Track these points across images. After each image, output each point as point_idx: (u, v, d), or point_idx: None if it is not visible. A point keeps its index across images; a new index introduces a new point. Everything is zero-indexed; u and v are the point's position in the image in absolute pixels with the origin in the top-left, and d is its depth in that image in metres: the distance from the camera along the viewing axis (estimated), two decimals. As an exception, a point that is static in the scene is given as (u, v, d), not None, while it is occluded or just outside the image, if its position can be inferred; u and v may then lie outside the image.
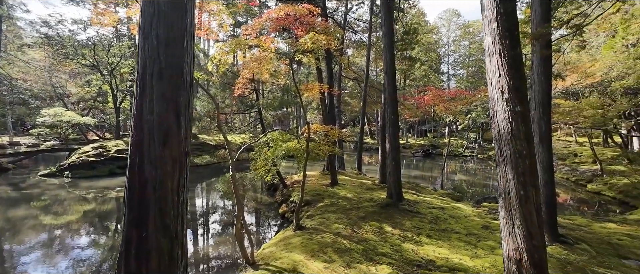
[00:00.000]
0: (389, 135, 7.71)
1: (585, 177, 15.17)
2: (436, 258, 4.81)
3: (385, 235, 5.77)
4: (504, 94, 2.98)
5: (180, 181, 2.17)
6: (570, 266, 4.42)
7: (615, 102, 12.02)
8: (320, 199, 8.45)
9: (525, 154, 2.88)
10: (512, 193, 2.95)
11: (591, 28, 15.63)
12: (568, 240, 5.21)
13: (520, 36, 3.18)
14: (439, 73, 38.67)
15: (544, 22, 5.26)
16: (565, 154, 19.55)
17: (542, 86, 5.45)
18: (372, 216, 6.93)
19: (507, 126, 2.96)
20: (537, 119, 5.49)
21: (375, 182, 10.56)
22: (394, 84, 7.63)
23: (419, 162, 26.08)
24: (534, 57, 5.64)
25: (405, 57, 15.49)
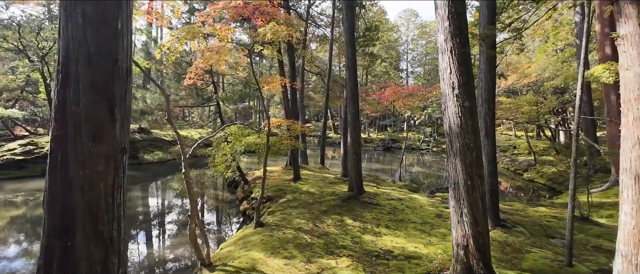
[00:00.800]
0: (350, 129, 7.82)
1: (522, 167, 16.99)
2: (393, 247, 5.00)
3: (346, 228, 5.87)
4: (455, 90, 3.14)
5: (116, 182, 1.93)
6: (509, 248, 4.88)
7: (546, 100, 13.58)
8: (283, 194, 8.33)
9: (472, 146, 3.07)
10: (461, 184, 3.13)
11: (528, 33, 17.38)
12: (507, 224, 5.76)
13: (469, 37, 3.37)
14: (398, 70, 40.34)
15: (490, 24, 5.67)
16: (506, 147, 21.71)
17: (488, 84, 5.89)
18: (334, 209, 7.00)
19: (457, 120, 3.12)
20: (483, 115, 5.94)
21: (338, 176, 10.71)
22: (355, 79, 7.72)
23: (380, 155, 27.09)
24: (481, 57, 6.07)
25: (367, 54, 15.86)
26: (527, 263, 4.27)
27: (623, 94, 2.29)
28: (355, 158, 7.72)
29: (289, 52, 10.33)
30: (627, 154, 2.24)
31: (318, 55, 32.67)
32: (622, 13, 2.36)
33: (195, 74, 5.16)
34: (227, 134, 5.81)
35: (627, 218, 2.23)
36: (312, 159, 17.33)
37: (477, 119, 3.15)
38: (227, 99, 10.29)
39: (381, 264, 4.43)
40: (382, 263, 4.46)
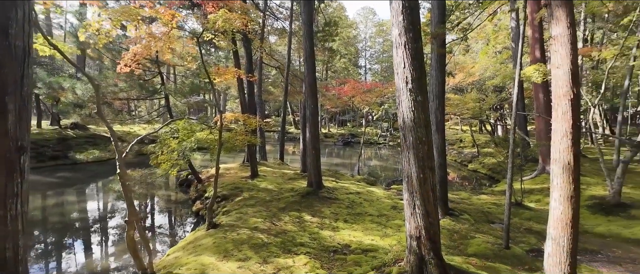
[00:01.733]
0: (309, 124, 7.71)
1: (467, 158, 18.53)
2: (351, 241, 5.03)
3: (304, 224, 5.77)
4: (408, 84, 3.17)
5: (10, 189, 1.54)
6: (456, 235, 5.20)
7: (487, 97, 14.91)
8: (239, 192, 7.96)
9: (424, 140, 3.14)
10: (414, 176, 3.19)
11: (473, 36, 18.90)
12: (455, 212, 6.16)
13: (421, 34, 3.43)
14: (357, 66, 41.27)
15: (441, 23, 5.93)
16: (454, 140, 23.51)
17: (439, 81, 6.19)
18: (293, 206, 6.86)
19: (410, 115, 3.16)
20: (434, 110, 6.24)
21: (297, 172, 10.57)
22: (313, 73, 7.61)
23: (340, 150, 27.57)
24: (433, 55, 6.35)
25: (327, 48, 15.85)
26: (472, 248, 4.58)
27: (554, 90, 2.48)
28: (314, 153, 7.64)
29: (245, 43, 9.83)
30: (557, 145, 2.44)
31: (278, 49, 31.98)
32: (554, 16, 2.54)
33: (132, 60, 4.55)
34: (174, 130, 5.30)
35: (556, 203, 2.44)
36: (271, 155, 16.95)
37: (428, 114, 3.23)
38: (177, 92, 9.47)
39: (339, 260, 4.41)
40: (340, 258, 4.45)
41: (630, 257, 4.07)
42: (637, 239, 4.62)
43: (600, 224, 5.45)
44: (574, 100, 2.40)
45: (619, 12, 8.43)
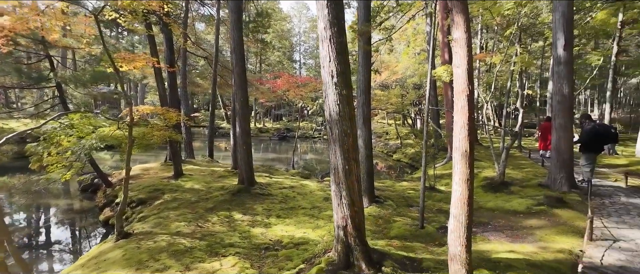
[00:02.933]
0: (238, 118, 7.32)
1: (392, 149, 20.35)
2: (283, 236, 4.98)
3: (234, 224, 5.48)
4: (334, 78, 3.22)
5: None
6: (381, 220, 5.63)
7: (408, 93, 16.58)
8: (160, 195, 7.13)
9: (349, 132, 3.25)
10: (340, 168, 3.28)
11: (396, 37, 20.69)
12: (380, 199, 6.66)
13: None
14: (292, 61, 41.20)
15: (366, 22, 6.25)
16: (381, 133, 25.55)
17: (365, 76, 6.54)
18: (222, 205, 6.46)
19: (336, 108, 3.23)
20: (361, 104, 6.59)
21: (228, 169, 10.02)
22: (243, 64, 7.22)
23: (276, 145, 27.22)
24: (359, 52, 6.67)
25: (259, 40, 15.30)
26: (393, 231, 5.01)
27: (455, 87, 2.82)
28: (245, 149, 7.31)
29: (164, 29, 8.74)
30: (457, 135, 2.78)
31: (206, 38, 29.64)
32: (454, 21, 2.87)
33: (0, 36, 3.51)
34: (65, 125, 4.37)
35: (456, 186, 2.80)
36: (201, 152, 15.72)
37: (353, 107, 3.35)
38: (74, 80, 7.87)
39: (270, 256, 4.31)
40: (271, 255, 4.35)
41: (510, 225, 5.02)
42: (514, 210, 5.74)
43: (490, 200, 6.60)
44: (470, 96, 2.77)
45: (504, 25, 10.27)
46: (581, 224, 4.64)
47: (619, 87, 24.16)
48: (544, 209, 5.53)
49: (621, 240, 4.12)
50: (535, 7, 12.92)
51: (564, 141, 6.59)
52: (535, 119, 23.72)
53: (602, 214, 5.23)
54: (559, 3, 6.59)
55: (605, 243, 4.03)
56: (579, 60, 17.62)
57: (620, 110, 26.54)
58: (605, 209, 5.54)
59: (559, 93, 6.58)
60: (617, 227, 4.63)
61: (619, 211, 5.37)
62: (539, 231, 4.60)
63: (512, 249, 3.86)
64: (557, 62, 6.59)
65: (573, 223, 4.84)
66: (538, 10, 11.93)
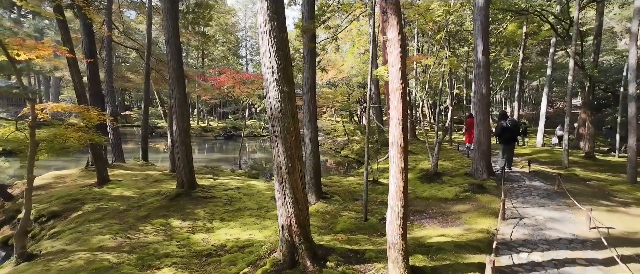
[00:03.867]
0: (176, 117, 6.73)
1: (340, 146, 20.95)
2: (228, 240, 4.73)
3: (172, 232, 5.03)
4: (274, 74, 3.13)
5: None
6: (328, 216, 5.73)
7: (354, 92, 17.22)
8: (79, 206, 6.18)
9: (292, 130, 3.20)
10: (283, 166, 3.22)
11: (342, 36, 21.30)
12: (327, 195, 6.78)
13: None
14: (238, 56, 39.52)
15: (310, 19, 6.26)
16: (329, 130, 26.14)
17: (310, 74, 6.56)
18: (158, 212, 5.88)
19: (277, 105, 3.15)
20: (307, 101, 6.60)
21: (166, 172, 9.17)
22: (179, 57, 6.64)
23: (222, 144, 25.88)
24: (304, 49, 6.66)
25: (199, 33, 14.29)
26: (339, 226, 5.14)
27: (390, 85, 2.97)
28: (183, 149, 6.75)
29: (79, 14, 7.54)
30: (392, 130, 2.95)
31: (137, 27, 26.72)
32: (389, 22, 3.02)
33: None
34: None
35: (393, 179, 2.96)
36: (134, 155, 14.12)
37: (295, 104, 3.31)
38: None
39: (212, 263, 4.05)
40: (213, 262, 4.09)
41: (441, 211, 5.55)
42: (445, 198, 6.37)
43: (425, 190, 7.22)
44: (404, 93, 2.95)
45: (436, 30, 11.31)
46: (497, 206, 5.35)
47: (524, 88, 28.65)
48: (468, 195, 6.24)
49: (525, 218, 4.87)
50: (461, 16, 14.52)
51: (483, 134, 7.52)
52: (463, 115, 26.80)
53: (512, 196, 6.12)
54: (478, 13, 7.47)
55: (514, 221, 4.72)
56: (495, 65, 20.39)
57: (526, 107, 31.54)
58: (514, 192, 6.49)
59: (479, 92, 7.49)
60: (522, 206, 5.46)
61: (524, 193, 6.36)
62: (465, 215, 5.18)
63: (443, 233, 4.26)
64: (477, 65, 7.48)
65: (491, 205, 5.56)
66: (463, 18, 13.41)
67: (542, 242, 3.90)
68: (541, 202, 5.66)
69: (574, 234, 4.19)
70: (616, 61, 19.20)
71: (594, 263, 3.37)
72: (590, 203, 5.63)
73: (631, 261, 3.42)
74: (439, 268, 3.19)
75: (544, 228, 4.41)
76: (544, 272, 3.16)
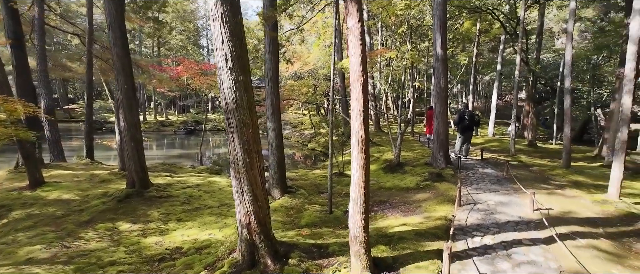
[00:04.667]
0: (123, 109, 6.10)
1: (307, 139, 20.86)
2: (184, 242, 4.41)
3: (120, 236, 4.56)
4: (228, 62, 2.89)
5: None
6: (292, 210, 5.61)
7: (320, 84, 17.13)
8: (4, 213, 5.37)
9: (248, 122, 2.99)
10: (240, 161, 3.01)
11: (308, 28, 21.02)
12: (293, 189, 6.65)
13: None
14: (199, 46, 37.36)
15: (271, 7, 5.98)
16: (296, 123, 25.89)
17: (272, 64, 6.31)
18: (103, 216, 5.31)
19: (232, 96, 2.92)
20: (269, 93, 6.36)
21: (115, 171, 8.36)
22: (124, 44, 5.99)
23: (183, 139, 24.44)
24: (266, 39, 6.37)
25: (152, 18, 13.14)
26: (304, 220, 5.04)
27: (351, 75, 2.89)
28: (133, 145, 6.16)
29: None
30: (354, 121, 2.88)
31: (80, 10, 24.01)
32: (348, 10, 2.92)
33: None
34: None
35: (354, 171, 2.91)
36: (78, 153, 12.73)
37: (252, 95, 3.09)
38: None
39: (166, 268, 3.73)
40: (167, 266, 3.77)
41: (403, 200, 5.71)
42: (407, 187, 6.58)
43: (389, 180, 7.41)
44: (364, 84, 2.88)
45: (398, 24, 11.57)
46: (454, 193, 5.62)
47: (478, 83, 30.78)
48: (428, 184, 6.50)
49: (479, 203, 5.18)
50: (422, 11, 15.03)
51: (441, 125, 7.87)
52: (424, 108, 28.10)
53: (467, 184, 6.50)
54: (436, 8, 7.71)
55: (469, 206, 4.99)
56: (452, 60, 21.54)
57: (479, 100, 33.98)
58: (469, 179, 6.90)
59: (438, 85, 7.80)
60: (476, 193, 5.81)
61: (478, 180, 6.78)
62: (425, 203, 5.37)
63: (404, 222, 4.36)
64: (436, 59, 7.76)
65: (448, 193, 5.84)
66: (423, 13, 13.89)
67: (493, 226, 4.16)
68: (492, 188, 6.06)
69: (520, 216, 4.53)
70: (554, 58, 21.31)
71: (536, 242, 3.66)
72: (533, 187, 6.16)
73: (567, 238, 3.77)
74: (400, 258, 3.24)
75: (494, 212, 4.71)
76: (494, 254, 3.35)
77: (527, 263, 3.15)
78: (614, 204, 5.05)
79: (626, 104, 5.08)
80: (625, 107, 5.08)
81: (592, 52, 17.61)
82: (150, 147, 20.20)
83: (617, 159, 5.17)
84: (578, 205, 5.11)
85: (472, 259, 3.22)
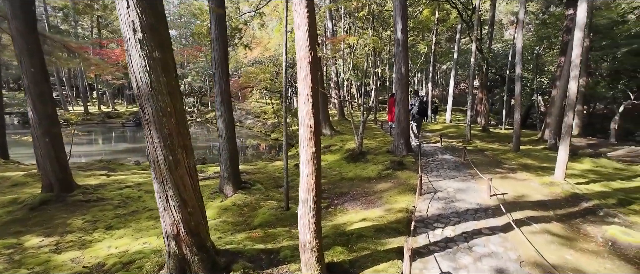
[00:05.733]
0: (31, 98, 5.01)
1: (270, 128, 20.10)
2: (109, 256, 3.68)
3: (24, 255, 3.70)
4: (137, 34, 2.23)
5: None
6: (246, 208, 5.08)
7: (281, 71, 16.34)
8: None
9: (170, 111, 2.38)
10: (161, 160, 2.42)
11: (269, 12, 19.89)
12: (248, 185, 6.09)
13: None
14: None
15: (215, -22, 5.21)
16: (259, 113, 24.86)
17: (220, 46, 5.57)
18: (7, 229, 4.34)
19: (145, 77, 2.28)
20: (217, 78, 5.64)
21: (33, 172, 7.06)
22: (28, 17, 4.84)
23: (135, 132, 22.21)
24: (211, 16, 5.59)
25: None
26: (258, 219, 4.56)
27: (297, 52, 2.41)
28: (48, 142, 5.12)
29: None
30: (301, 108, 2.42)
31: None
32: (294, -27, 2.40)
33: None
34: None
35: (303, 167, 2.48)
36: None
37: (174, 76, 2.47)
38: None
39: (79, 292, 3.04)
40: (81, 290, 3.08)
41: (365, 191, 5.47)
42: (369, 177, 6.37)
43: (351, 170, 7.16)
44: (312, 63, 2.42)
45: (359, 8, 11.24)
46: (415, 182, 5.50)
47: (437, 71, 32.05)
48: (390, 173, 6.34)
49: (439, 191, 5.09)
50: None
51: (403, 112, 7.75)
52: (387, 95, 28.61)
53: (428, 171, 6.45)
54: (397, -9, 7.43)
55: (430, 195, 4.87)
56: (413, 49, 21.96)
57: (438, 88, 35.52)
58: (429, 166, 6.89)
59: (399, 71, 7.62)
60: (436, 180, 5.75)
61: (438, 167, 6.78)
62: (386, 193, 5.16)
63: (365, 217, 4.07)
64: (397, 44, 7.54)
65: (409, 181, 5.71)
66: (384, 0, 13.68)
67: (454, 215, 4.04)
68: (451, 175, 6.07)
69: (478, 203, 4.49)
70: (503, 49, 22.70)
71: (495, 230, 3.58)
72: (488, 172, 6.29)
73: (523, 224, 3.75)
74: (359, 260, 2.91)
75: (454, 200, 4.63)
76: (455, 247, 3.17)
77: (488, 256, 3.01)
78: (560, 185, 5.27)
79: (572, 89, 5.25)
80: (572, 92, 5.26)
81: (536, 43, 18.98)
82: (95, 142, 18.04)
83: (564, 143, 5.37)
84: (529, 188, 5.25)
85: (434, 256, 3.01)
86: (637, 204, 4.59)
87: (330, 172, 7.19)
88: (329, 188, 5.95)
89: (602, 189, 5.30)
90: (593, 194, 4.95)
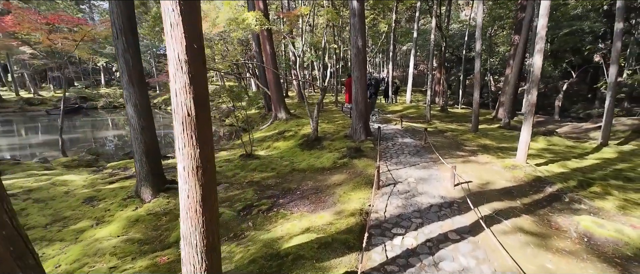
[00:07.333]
0: None
1: (225, 113, 18.45)
2: None
3: None
4: None
5: None
6: (165, 218, 4.00)
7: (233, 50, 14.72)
8: None
9: None
10: None
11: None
12: (174, 185, 4.95)
13: None
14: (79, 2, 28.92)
15: None
16: (213, 97, 22.83)
17: (122, 8, 4.21)
18: None
19: None
20: (121, 52, 4.30)
21: None
22: None
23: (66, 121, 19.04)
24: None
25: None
26: (176, 232, 3.54)
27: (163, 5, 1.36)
28: None
29: None
30: (173, 84, 1.42)
31: None
32: None
33: None
34: None
35: (183, 183, 1.51)
36: None
37: None
38: None
39: None
40: None
41: (316, 186, 4.68)
42: (322, 167, 5.59)
43: (304, 159, 6.32)
44: (190, 6, 1.41)
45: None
46: (373, 171, 4.82)
47: (397, 52, 32.04)
48: (346, 161, 5.60)
49: (399, 182, 4.46)
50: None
51: (360, 92, 7.00)
52: (348, 77, 28.03)
53: (387, 157, 5.84)
54: (352, -49, 6.44)
55: (388, 189, 4.21)
56: (374, 28, 21.31)
57: (398, 69, 35.78)
58: (389, 151, 6.29)
59: (355, 46, 6.77)
60: (396, 168, 5.14)
61: (398, 152, 6.20)
62: (340, 188, 4.41)
63: (309, 225, 3.25)
64: (352, 13, 6.63)
65: (367, 171, 5.02)
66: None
67: (416, 214, 3.40)
68: (412, 161, 5.50)
69: (442, 196, 3.92)
70: (459, 28, 23.01)
71: (464, 234, 2.98)
72: (450, 156, 5.85)
73: (493, 222, 3.22)
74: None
75: (416, 193, 4.01)
76: (419, 265, 2.49)
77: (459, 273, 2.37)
78: (523, 168, 4.94)
79: (537, 64, 4.84)
80: (536, 67, 4.85)
81: (489, 23, 19.37)
82: (10, 133, 15.06)
83: (526, 122, 5.01)
84: (492, 173, 4.85)
85: (392, 280, 2.29)
86: (597, 185, 4.37)
87: (280, 163, 6.28)
88: (276, 183, 5.06)
89: (561, 169, 5.08)
90: (554, 177, 4.68)
